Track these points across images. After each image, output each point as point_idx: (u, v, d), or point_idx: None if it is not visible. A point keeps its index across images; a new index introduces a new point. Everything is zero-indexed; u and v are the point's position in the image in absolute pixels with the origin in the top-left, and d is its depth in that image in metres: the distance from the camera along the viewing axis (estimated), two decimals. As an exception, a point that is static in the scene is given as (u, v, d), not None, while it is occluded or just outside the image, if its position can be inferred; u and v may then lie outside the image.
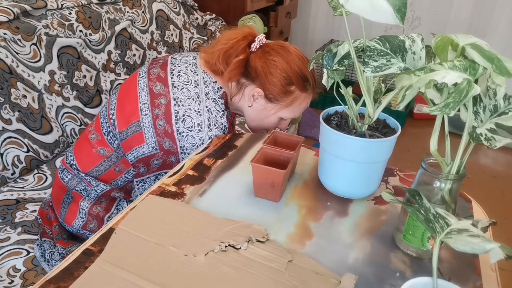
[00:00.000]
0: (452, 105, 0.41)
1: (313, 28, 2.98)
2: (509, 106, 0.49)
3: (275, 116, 0.99)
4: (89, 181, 0.97)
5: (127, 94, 0.94)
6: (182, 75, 0.92)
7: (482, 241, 0.41)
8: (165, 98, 0.90)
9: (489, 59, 0.41)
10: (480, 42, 0.44)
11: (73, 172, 0.98)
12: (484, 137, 0.47)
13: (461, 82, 0.41)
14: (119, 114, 0.94)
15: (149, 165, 0.92)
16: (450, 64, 0.43)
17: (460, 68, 0.43)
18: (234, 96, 0.98)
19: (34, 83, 1.25)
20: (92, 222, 0.99)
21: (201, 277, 0.55)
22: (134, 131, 0.91)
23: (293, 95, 0.95)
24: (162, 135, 0.89)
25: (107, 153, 0.96)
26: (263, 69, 0.92)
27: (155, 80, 0.92)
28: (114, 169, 0.98)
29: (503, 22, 2.37)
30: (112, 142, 0.96)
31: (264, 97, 0.95)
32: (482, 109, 0.49)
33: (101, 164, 0.97)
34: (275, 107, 0.96)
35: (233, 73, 0.93)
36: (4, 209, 1.09)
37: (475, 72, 0.42)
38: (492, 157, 2.39)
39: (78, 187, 0.98)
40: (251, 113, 0.99)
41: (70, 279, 0.54)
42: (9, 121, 1.16)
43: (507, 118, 0.48)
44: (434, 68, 0.43)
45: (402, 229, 0.61)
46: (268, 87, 0.93)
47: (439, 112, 0.42)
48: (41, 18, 1.30)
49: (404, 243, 0.61)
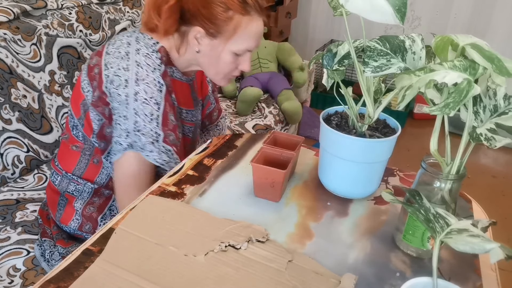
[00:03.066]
0: (452, 105, 0.41)
1: (313, 28, 2.98)
2: (509, 106, 0.49)
3: (226, 53, 0.89)
4: (77, 181, 0.97)
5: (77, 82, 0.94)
6: (117, 42, 0.88)
7: (482, 241, 0.41)
8: (98, 67, 0.86)
9: (489, 59, 0.41)
10: (480, 42, 0.44)
11: (61, 173, 0.98)
12: (484, 137, 0.47)
13: (461, 82, 0.42)
14: (72, 104, 0.94)
15: (105, 137, 0.90)
16: (450, 64, 0.43)
17: (460, 68, 0.43)
18: (180, 48, 0.90)
19: (34, 83, 1.25)
20: (87, 223, 0.98)
21: (201, 277, 0.55)
22: (85, 112, 0.90)
23: (233, 21, 0.86)
24: (100, 104, 0.87)
25: (79, 148, 0.96)
26: (195, 5, 0.85)
27: (93, 56, 0.90)
28: (93, 161, 0.96)
29: (503, 22, 2.37)
30: (77, 135, 0.95)
31: (206, 35, 0.87)
32: (482, 109, 0.49)
33: (80, 161, 0.97)
34: (221, 41, 0.88)
35: (167, 23, 0.86)
36: (4, 209, 1.10)
37: (475, 72, 0.43)
38: (492, 157, 2.39)
39: (69, 188, 0.98)
40: (203, 60, 0.91)
41: (70, 279, 0.54)
42: (9, 121, 1.16)
43: (507, 118, 0.48)
44: (434, 68, 0.43)
45: (402, 229, 0.61)
46: (206, 22, 0.85)
47: (439, 112, 0.42)
48: (41, 18, 1.30)
49: (404, 243, 0.61)
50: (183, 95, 0.99)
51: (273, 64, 2.07)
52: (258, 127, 1.75)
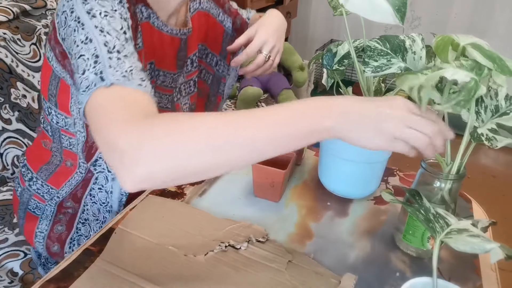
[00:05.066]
0: (463, 103, 0.42)
1: (313, 27, 2.97)
2: (511, 106, 0.49)
3: None
4: (41, 195, 0.81)
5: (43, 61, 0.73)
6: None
7: (482, 241, 0.41)
8: (52, 24, 0.66)
9: (491, 59, 0.42)
10: (481, 42, 0.45)
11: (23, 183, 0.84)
12: (485, 137, 0.47)
13: (469, 81, 0.42)
14: (42, 85, 0.74)
15: None
16: (457, 63, 0.43)
17: (467, 68, 0.43)
18: None
19: (34, 83, 1.25)
20: (54, 245, 0.83)
21: (201, 277, 0.55)
22: (57, 84, 0.70)
23: None
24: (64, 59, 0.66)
25: (47, 146, 0.80)
26: None
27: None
28: (65, 164, 0.78)
29: (503, 22, 2.36)
30: (47, 128, 0.78)
31: None
32: (484, 110, 0.49)
33: (50, 161, 0.80)
34: None
35: None
36: (3, 209, 1.09)
37: (481, 72, 0.43)
38: (492, 157, 2.39)
39: (30, 204, 0.82)
40: None
41: (70, 279, 0.54)
42: (9, 121, 1.16)
43: (508, 119, 0.48)
44: (442, 67, 0.44)
45: (402, 229, 0.61)
46: None
47: (451, 110, 0.42)
48: (40, 17, 1.30)
49: (404, 243, 0.61)
50: (164, 51, 0.74)
51: (273, 64, 2.07)
52: (258, 127, 1.75)
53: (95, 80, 0.52)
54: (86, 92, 0.52)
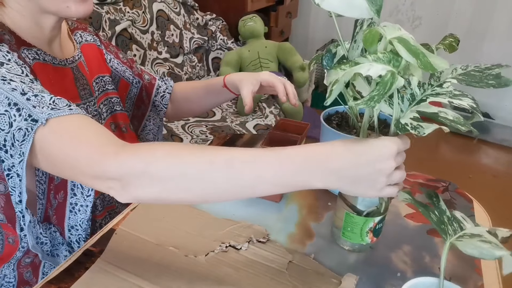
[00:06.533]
0: (377, 98, 0.40)
1: (313, 27, 2.97)
2: (425, 93, 0.48)
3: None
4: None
5: None
6: None
7: (492, 247, 0.41)
8: None
9: (415, 54, 0.40)
10: (407, 36, 0.43)
11: None
12: (410, 127, 0.46)
13: (385, 74, 0.41)
14: None
15: None
16: (374, 56, 0.42)
17: (384, 60, 0.42)
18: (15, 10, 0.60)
19: None
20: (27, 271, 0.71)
21: (202, 277, 0.55)
22: None
23: None
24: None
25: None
26: None
27: None
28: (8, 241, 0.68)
29: (503, 22, 2.36)
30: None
31: None
32: (401, 99, 0.49)
33: None
34: None
35: None
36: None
37: (399, 64, 0.42)
38: (493, 157, 2.38)
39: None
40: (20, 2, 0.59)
41: (71, 279, 0.54)
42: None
43: (426, 105, 0.47)
44: (359, 61, 0.43)
45: (340, 227, 0.60)
46: None
47: (365, 106, 0.41)
48: None
49: (343, 239, 0.61)
50: (62, 84, 0.69)
51: (273, 64, 2.06)
52: (259, 127, 1.74)
53: (28, 126, 0.50)
54: (26, 141, 0.50)
